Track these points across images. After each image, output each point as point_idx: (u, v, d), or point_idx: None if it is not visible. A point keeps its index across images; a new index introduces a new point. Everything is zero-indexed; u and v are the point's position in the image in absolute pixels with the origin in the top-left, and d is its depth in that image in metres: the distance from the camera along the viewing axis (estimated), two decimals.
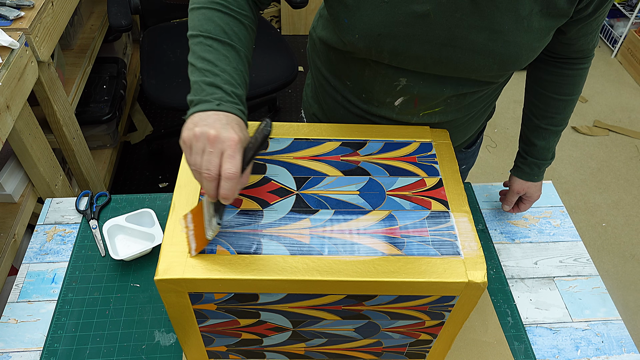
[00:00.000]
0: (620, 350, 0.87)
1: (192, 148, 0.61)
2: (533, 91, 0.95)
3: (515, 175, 1.01)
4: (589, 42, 0.84)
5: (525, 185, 1.00)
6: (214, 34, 0.69)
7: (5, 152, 1.32)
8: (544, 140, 0.96)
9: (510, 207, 1.03)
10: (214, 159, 0.59)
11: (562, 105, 0.92)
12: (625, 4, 2.95)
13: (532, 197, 1.01)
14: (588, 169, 2.37)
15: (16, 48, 1.17)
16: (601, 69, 2.94)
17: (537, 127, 0.95)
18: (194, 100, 0.65)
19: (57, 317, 0.87)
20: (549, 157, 0.98)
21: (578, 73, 0.89)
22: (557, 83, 0.90)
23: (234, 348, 0.76)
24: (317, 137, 0.79)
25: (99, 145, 1.96)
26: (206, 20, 0.70)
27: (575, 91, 0.91)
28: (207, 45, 0.68)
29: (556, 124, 0.94)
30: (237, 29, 0.71)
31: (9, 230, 1.27)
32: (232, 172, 0.59)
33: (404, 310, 0.67)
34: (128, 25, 1.68)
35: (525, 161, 0.99)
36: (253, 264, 0.62)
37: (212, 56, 0.67)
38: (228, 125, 0.61)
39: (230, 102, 0.64)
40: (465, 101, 0.85)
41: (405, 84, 0.80)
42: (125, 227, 0.97)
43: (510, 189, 1.02)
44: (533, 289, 0.95)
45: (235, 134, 0.60)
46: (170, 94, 1.73)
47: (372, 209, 0.69)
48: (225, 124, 0.61)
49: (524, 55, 0.75)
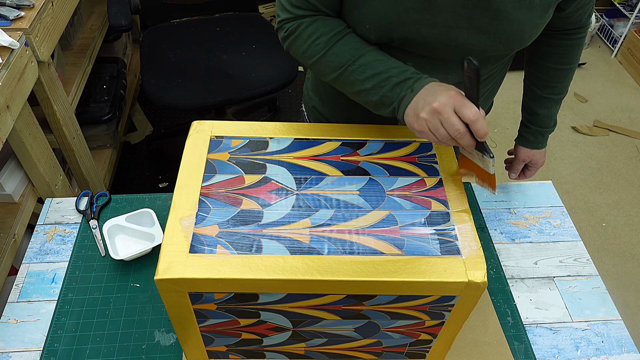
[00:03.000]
0: (620, 350, 0.87)
1: (432, 130, 0.68)
2: (534, 63, 0.99)
3: (520, 144, 1.06)
4: (584, 12, 0.88)
5: (531, 153, 1.05)
6: (352, 58, 0.76)
7: (5, 152, 1.32)
8: (547, 109, 1.00)
9: (516, 174, 1.09)
10: (452, 119, 0.65)
11: (562, 74, 0.97)
12: (625, 4, 2.95)
13: (537, 163, 1.07)
14: (588, 169, 2.37)
15: (16, 48, 1.17)
16: (601, 69, 2.94)
17: (540, 97, 1.00)
18: (395, 106, 0.73)
19: (57, 317, 0.87)
20: (551, 125, 1.03)
21: (576, 43, 0.94)
22: (556, 54, 0.95)
23: (234, 348, 0.76)
24: (317, 137, 0.79)
25: (99, 145, 1.96)
26: (337, 56, 0.78)
27: (574, 60, 0.96)
28: (357, 68, 0.76)
29: (557, 92, 0.98)
30: (354, 41, 0.78)
31: (9, 230, 1.27)
32: (474, 114, 0.64)
33: (404, 310, 0.67)
34: (128, 25, 1.68)
35: (529, 130, 1.04)
36: (253, 264, 0.62)
37: (369, 71, 0.75)
38: (435, 91, 0.68)
39: (416, 80, 0.72)
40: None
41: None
42: (125, 227, 0.97)
43: (516, 158, 1.08)
44: (533, 289, 0.95)
45: (446, 89, 0.67)
46: (170, 94, 1.73)
47: (372, 209, 0.69)
48: (433, 92, 0.68)
49: (527, 33, 0.77)
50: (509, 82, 1.21)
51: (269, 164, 0.75)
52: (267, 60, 1.86)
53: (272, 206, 0.69)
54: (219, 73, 1.82)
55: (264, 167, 0.74)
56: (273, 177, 0.73)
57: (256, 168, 0.74)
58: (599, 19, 3.08)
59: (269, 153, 0.76)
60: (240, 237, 0.65)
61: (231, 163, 0.74)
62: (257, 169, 0.74)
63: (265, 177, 0.73)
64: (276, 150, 0.77)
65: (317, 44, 0.78)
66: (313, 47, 0.79)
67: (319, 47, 0.78)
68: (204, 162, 0.74)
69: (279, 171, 0.74)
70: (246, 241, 0.64)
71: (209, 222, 0.66)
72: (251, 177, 0.73)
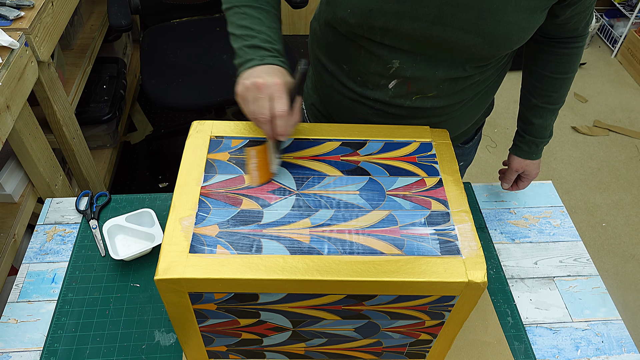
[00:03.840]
0: (620, 350, 0.87)
1: (245, 99, 0.71)
2: (530, 71, 0.97)
3: (514, 153, 1.04)
4: (581, 21, 0.86)
5: (524, 164, 1.03)
6: (245, 2, 0.78)
7: (5, 152, 1.32)
8: (542, 118, 0.98)
9: (509, 185, 1.07)
10: (264, 102, 0.69)
11: (558, 83, 0.95)
12: (625, 4, 2.95)
13: (530, 174, 1.04)
14: (588, 169, 2.37)
15: (16, 48, 1.17)
16: (601, 69, 2.94)
17: (535, 106, 0.98)
18: (241, 62, 0.75)
19: (57, 317, 0.87)
20: (546, 135, 1.01)
21: (574, 52, 0.92)
22: (553, 62, 0.93)
23: (234, 348, 0.76)
24: (317, 137, 0.79)
25: (99, 145, 1.96)
26: None
27: (571, 69, 0.94)
28: (241, 13, 0.77)
29: (553, 102, 0.97)
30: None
31: (9, 230, 1.27)
32: (282, 110, 0.69)
33: (404, 310, 0.67)
34: (128, 25, 1.68)
35: (523, 140, 1.02)
36: (253, 264, 0.62)
37: (247, 22, 0.77)
38: (272, 73, 0.71)
39: (271, 56, 0.74)
40: (458, 87, 0.86)
41: (398, 65, 0.82)
42: (125, 227, 0.97)
43: (510, 167, 1.05)
44: (533, 289, 0.95)
45: (279, 79, 0.70)
46: (170, 94, 1.73)
47: (372, 209, 0.69)
48: (270, 73, 0.71)
49: (513, 36, 0.76)
50: (509, 82, 1.21)
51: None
52: None
53: (272, 206, 0.69)
54: (219, 73, 1.82)
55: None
56: (273, 177, 0.73)
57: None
58: (599, 19, 3.08)
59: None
60: (240, 237, 0.65)
61: (231, 163, 0.74)
62: None
63: None
64: None
65: None
66: None
67: None
68: (204, 162, 0.74)
69: (279, 171, 0.74)
70: (246, 241, 0.64)
71: (209, 222, 0.66)
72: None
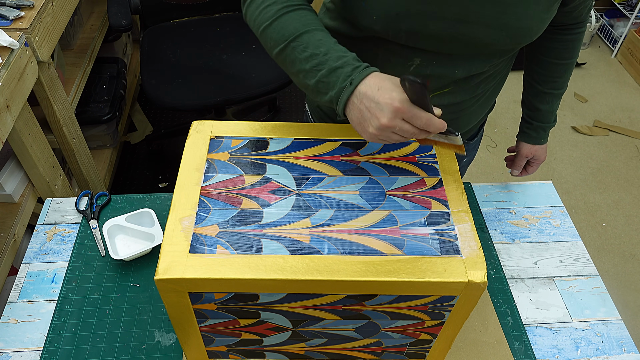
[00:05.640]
0: (620, 350, 0.87)
1: (384, 139, 0.67)
2: (534, 59, 1.00)
3: (523, 140, 1.07)
4: (585, 8, 0.89)
5: (533, 149, 1.07)
6: (295, 34, 0.72)
7: (5, 152, 1.32)
8: (548, 104, 1.02)
9: (519, 171, 1.10)
10: (405, 127, 0.64)
11: (562, 69, 0.98)
12: (625, 4, 2.95)
13: (540, 158, 1.08)
14: (588, 169, 2.37)
15: (16, 48, 1.17)
16: (601, 69, 2.94)
17: (541, 93, 1.01)
18: (331, 95, 0.69)
19: (57, 317, 0.87)
20: (552, 120, 1.04)
21: (576, 37, 0.95)
22: (557, 49, 0.96)
23: (234, 348, 0.76)
24: (317, 137, 0.79)
25: (99, 145, 1.96)
26: (282, 28, 0.73)
27: (574, 54, 0.97)
28: (298, 45, 0.71)
29: (558, 87, 1.00)
30: (306, 17, 0.74)
31: (9, 230, 1.27)
32: (424, 122, 0.63)
33: (404, 310, 0.67)
34: (128, 25, 1.68)
35: (531, 126, 1.05)
36: (253, 264, 0.62)
37: (309, 51, 0.71)
38: (378, 101, 0.64)
39: (353, 69, 0.68)
40: (473, 82, 0.87)
41: (419, 63, 0.82)
42: (125, 227, 0.97)
43: (519, 154, 1.09)
44: (533, 289, 0.95)
45: (391, 100, 0.63)
46: (170, 94, 1.73)
47: (372, 209, 0.69)
48: (377, 105, 0.64)
49: (534, 27, 0.78)
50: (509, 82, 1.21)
51: (269, 163, 0.75)
52: (267, 60, 1.86)
53: (272, 206, 0.69)
54: (219, 73, 1.82)
55: (264, 167, 0.74)
56: (273, 177, 0.73)
57: (256, 168, 0.74)
58: (599, 19, 3.08)
59: (269, 153, 0.76)
60: (240, 237, 0.65)
61: (231, 163, 0.74)
62: (257, 169, 0.74)
63: (265, 177, 0.73)
64: (276, 150, 0.77)
65: (267, 11, 0.73)
66: (262, 15, 0.74)
67: (267, 15, 0.73)
68: (204, 162, 0.74)
69: (279, 171, 0.74)
70: (246, 241, 0.64)
71: (209, 222, 0.66)
72: (251, 177, 0.73)
